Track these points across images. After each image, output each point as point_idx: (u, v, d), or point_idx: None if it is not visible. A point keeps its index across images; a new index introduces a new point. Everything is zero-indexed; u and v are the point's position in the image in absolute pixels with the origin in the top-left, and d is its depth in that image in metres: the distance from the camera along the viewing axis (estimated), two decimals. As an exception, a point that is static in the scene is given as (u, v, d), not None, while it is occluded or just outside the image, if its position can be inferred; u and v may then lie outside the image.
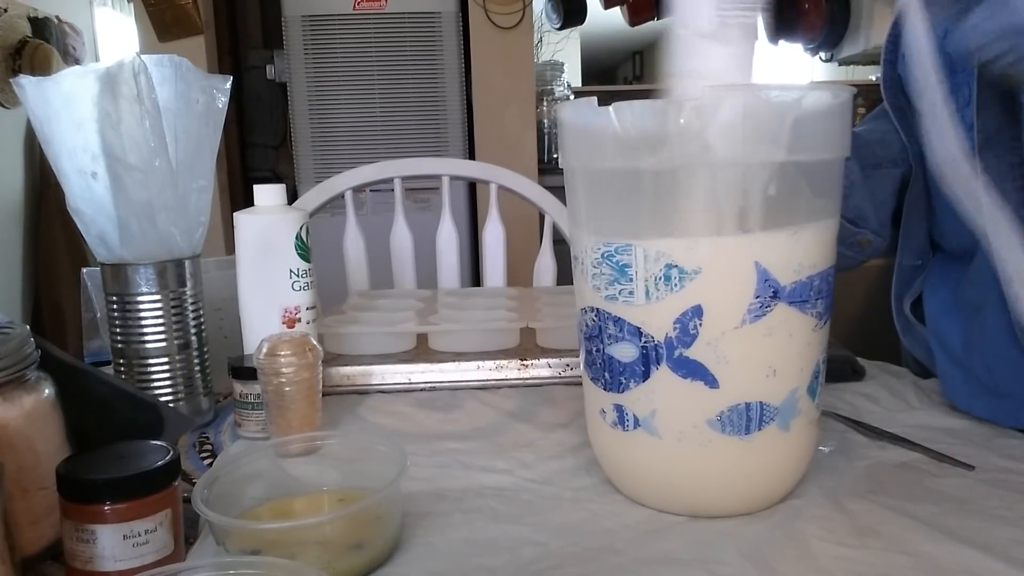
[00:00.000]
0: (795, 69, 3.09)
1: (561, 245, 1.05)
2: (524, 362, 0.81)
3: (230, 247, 0.74)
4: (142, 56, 0.66)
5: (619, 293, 0.50)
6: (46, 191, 2.79)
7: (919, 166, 0.77)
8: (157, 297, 0.70)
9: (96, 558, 0.43)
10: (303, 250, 0.72)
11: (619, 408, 0.52)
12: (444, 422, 0.72)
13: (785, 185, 0.48)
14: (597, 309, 0.52)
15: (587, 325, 0.54)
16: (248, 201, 0.73)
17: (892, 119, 0.78)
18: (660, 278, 0.48)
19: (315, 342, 0.64)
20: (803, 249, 0.48)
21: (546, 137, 2.56)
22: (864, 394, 0.75)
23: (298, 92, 2.30)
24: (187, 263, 0.72)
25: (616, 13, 2.61)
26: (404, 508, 0.52)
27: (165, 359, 0.71)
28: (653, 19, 2.61)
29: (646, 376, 0.50)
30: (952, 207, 0.74)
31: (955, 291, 0.72)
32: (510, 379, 0.81)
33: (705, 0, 0.50)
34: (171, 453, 0.46)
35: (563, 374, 0.81)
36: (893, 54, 0.77)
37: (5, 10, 2.65)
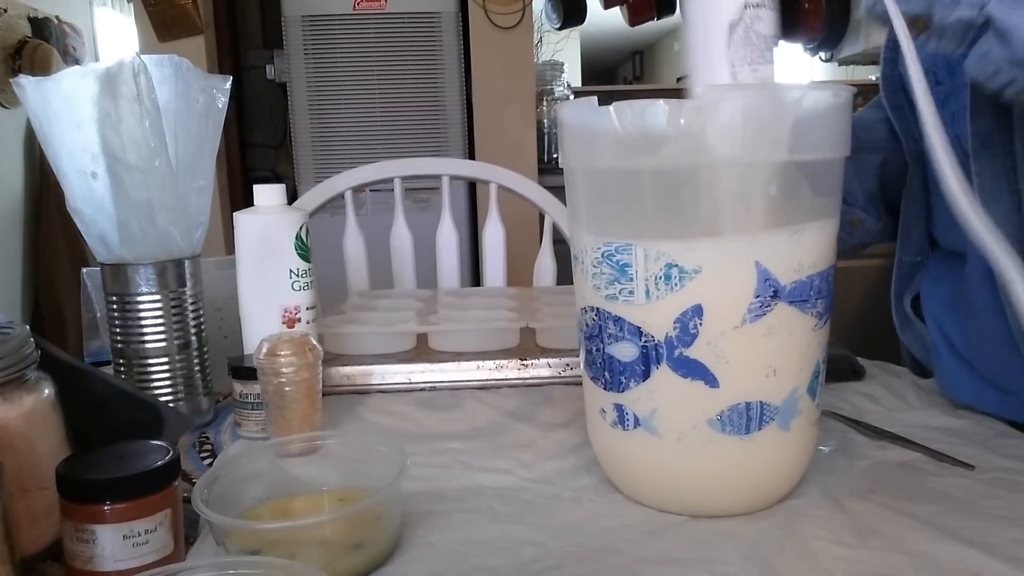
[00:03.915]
0: (795, 69, 3.09)
1: (561, 245, 1.05)
2: (524, 362, 0.81)
3: (230, 247, 0.74)
4: (142, 56, 0.66)
5: (619, 292, 0.50)
6: (46, 191, 2.79)
7: (916, 164, 0.77)
8: (157, 297, 0.70)
9: (96, 558, 0.43)
10: (303, 250, 0.72)
11: (619, 407, 0.52)
12: (444, 422, 0.72)
13: (785, 185, 0.48)
14: (597, 308, 0.52)
15: (587, 324, 0.54)
16: (248, 201, 0.73)
17: (890, 116, 0.78)
18: (660, 277, 0.48)
19: (315, 342, 0.64)
20: (803, 249, 0.48)
21: (546, 137, 2.56)
22: (864, 394, 0.75)
23: (298, 92, 2.30)
24: (187, 263, 0.72)
25: (616, 13, 2.60)
26: (404, 508, 0.52)
27: (165, 359, 0.71)
28: (653, 19, 2.61)
29: (646, 375, 0.50)
30: (948, 206, 0.74)
31: (954, 286, 0.72)
32: (510, 379, 0.81)
33: (720, 60, 0.51)
34: (171, 453, 0.46)
35: (563, 374, 0.81)
36: (894, 52, 0.77)
37: (5, 10, 2.65)
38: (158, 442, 0.48)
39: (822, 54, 2.89)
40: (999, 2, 0.48)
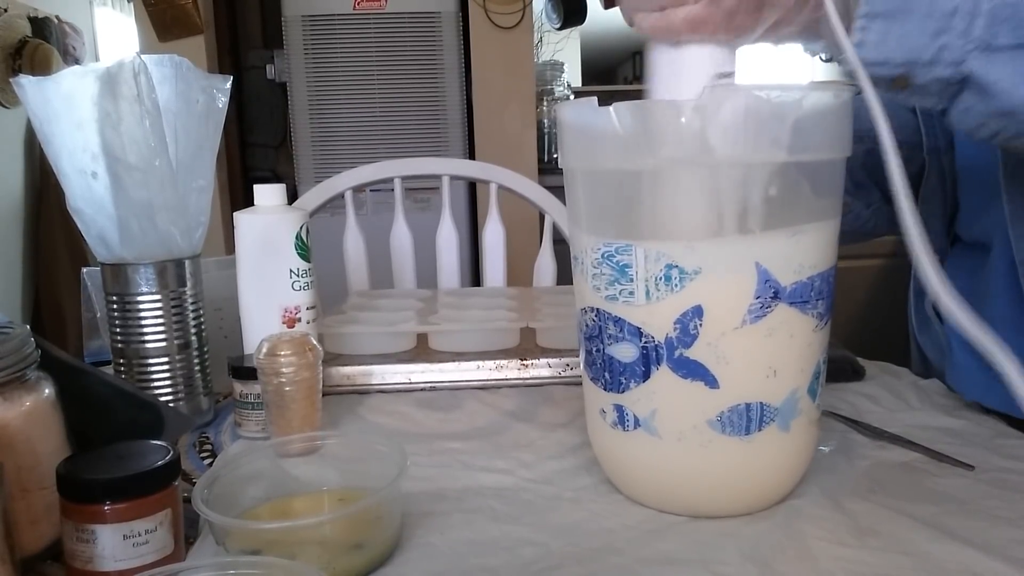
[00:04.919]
0: (795, 69, 3.09)
1: (561, 245, 1.05)
2: (524, 362, 0.81)
3: (230, 247, 0.74)
4: (142, 56, 0.66)
5: (619, 293, 0.50)
6: (46, 191, 2.79)
7: (935, 159, 0.77)
8: (157, 297, 0.70)
9: (96, 558, 0.43)
10: (303, 250, 0.72)
11: (619, 408, 0.52)
12: (444, 422, 0.72)
13: (786, 185, 0.48)
14: (597, 309, 0.52)
15: (587, 325, 0.54)
16: (248, 201, 0.73)
17: (916, 107, 0.78)
18: (660, 278, 0.48)
19: (315, 342, 0.64)
20: (804, 249, 0.48)
21: (546, 137, 2.56)
22: (864, 394, 0.75)
23: (298, 92, 2.30)
24: (187, 263, 0.72)
25: (616, 13, 2.60)
26: (404, 508, 0.52)
27: (165, 359, 0.71)
28: (653, 19, 2.60)
29: (646, 376, 0.50)
30: (977, 197, 0.74)
31: (972, 277, 0.72)
32: (510, 379, 0.81)
33: (681, 82, 0.51)
34: (171, 453, 0.46)
35: (563, 374, 0.81)
36: None
37: (5, 10, 2.65)
38: (158, 442, 0.48)
39: (822, 54, 2.90)
40: (975, 58, 0.48)
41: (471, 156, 2.33)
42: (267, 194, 0.72)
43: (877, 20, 0.49)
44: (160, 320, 0.70)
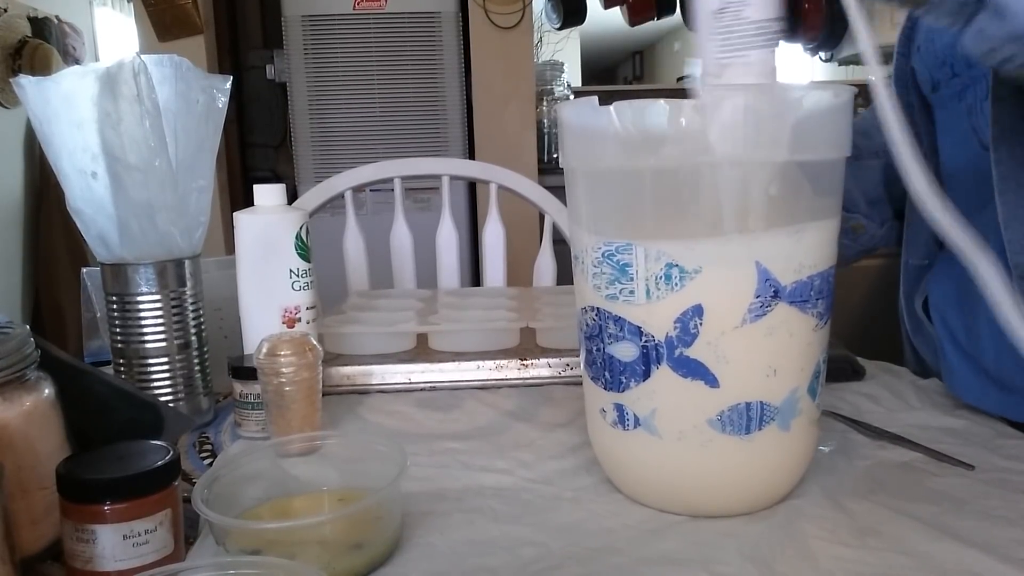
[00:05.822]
0: (795, 69, 3.09)
1: (561, 245, 1.05)
2: (524, 362, 0.81)
3: (230, 247, 0.74)
4: (142, 56, 0.66)
5: (619, 292, 0.50)
6: (46, 191, 2.79)
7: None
8: (157, 297, 0.70)
9: (96, 558, 0.43)
10: (303, 250, 0.72)
11: (619, 407, 0.52)
12: (444, 422, 0.72)
13: (786, 185, 0.48)
14: (597, 308, 0.52)
15: (587, 324, 0.54)
16: (248, 201, 0.73)
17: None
18: (661, 277, 0.48)
19: (315, 342, 0.64)
20: (804, 249, 0.48)
21: (546, 137, 2.56)
22: (864, 394, 0.75)
23: (298, 92, 2.30)
24: (187, 263, 0.72)
25: (616, 13, 2.60)
26: (404, 508, 0.52)
27: (165, 359, 0.71)
28: (653, 19, 2.61)
29: (646, 375, 0.50)
30: (963, 204, 0.74)
31: (959, 283, 0.72)
32: (510, 379, 0.80)
33: (708, 46, 0.51)
34: (171, 453, 0.46)
35: (563, 374, 0.81)
36: (907, 47, 0.77)
37: (5, 10, 2.65)
38: (158, 442, 0.48)
39: (822, 54, 2.90)
40: None
41: (471, 156, 2.33)
42: (267, 194, 0.72)
43: None
44: (160, 320, 0.70)
